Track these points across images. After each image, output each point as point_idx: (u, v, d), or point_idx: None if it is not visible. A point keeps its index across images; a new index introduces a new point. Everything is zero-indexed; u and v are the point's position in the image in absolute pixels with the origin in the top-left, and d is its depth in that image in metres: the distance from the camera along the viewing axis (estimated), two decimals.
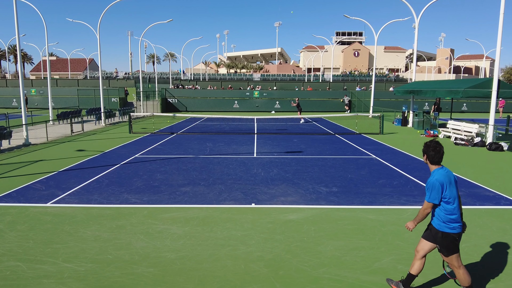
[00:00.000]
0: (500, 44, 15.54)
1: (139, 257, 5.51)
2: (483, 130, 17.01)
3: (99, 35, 25.11)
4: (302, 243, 6.02)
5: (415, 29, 26.32)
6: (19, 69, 17.95)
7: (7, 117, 22.59)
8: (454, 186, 4.17)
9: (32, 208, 7.69)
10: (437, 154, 4.17)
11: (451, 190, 4.12)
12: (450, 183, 4.13)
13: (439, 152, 4.17)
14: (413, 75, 28.05)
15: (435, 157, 4.19)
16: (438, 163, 4.22)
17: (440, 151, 4.18)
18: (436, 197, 4.10)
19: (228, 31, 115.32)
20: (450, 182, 4.14)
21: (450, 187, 4.12)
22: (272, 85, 53.99)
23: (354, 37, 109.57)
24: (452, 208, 4.13)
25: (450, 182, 4.14)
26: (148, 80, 60.88)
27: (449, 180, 4.14)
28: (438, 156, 4.18)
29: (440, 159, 4.21)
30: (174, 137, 18.71)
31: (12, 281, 4.82)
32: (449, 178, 4.16)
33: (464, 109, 39.96)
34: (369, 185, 9.56)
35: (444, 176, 4.13)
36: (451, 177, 4.20)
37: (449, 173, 4.22)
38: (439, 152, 4.17)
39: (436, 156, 4.18)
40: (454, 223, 4.15)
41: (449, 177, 4.16)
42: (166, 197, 8.48)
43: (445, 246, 4.22)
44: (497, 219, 7.12)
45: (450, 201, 4.12)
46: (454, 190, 4.15)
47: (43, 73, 77.23)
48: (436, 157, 4.18)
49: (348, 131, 21.57)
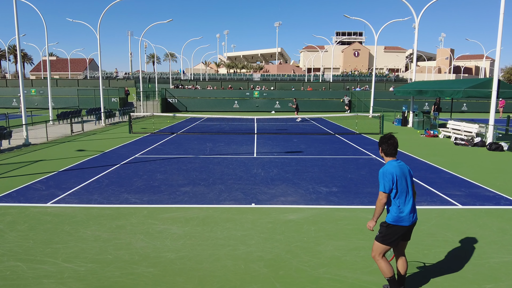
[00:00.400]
0: (500, 44, 15.54)
1: (139, 257, 5.51)
2: (483, 130, 17.01)
3: (99, 35, 25.11)
4: (302, 243, 6.02)
5: (415, 29, 26.32)
6: (19, 69, 17.96)
7: (7, 117, 22.59)
8: (405, 179, 4.21)
9: (32, 208, 7.69)
10: (390, 147, 4.26)
11: (401, 182, 4.18)
12: (402, 175, 4.19)
13: (392, 145, 4.26)
14: (413, 75, 28.05)
15: (388, 149, 4.28)
16: (392, 155, 4.30)
17: (392, 143, 4.26)
18: (388, 187, 4.15)
19: (228, 31, 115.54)
20: (402, 174, 4.19)
21: (401, 179, 4.18)
22: (272, 85, 53.98)
23: (354, 37, 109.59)
24: (402, 200, 4.19)
25: (403, 175, 4.20)
26: (148, 80, 60.91)
27: (402, 172, 4.20)
28: (391, 148, 4.27)
29: (393, 151, 4.29)
30: (174, 137, 18.71)
31: (12, 281, 4.82)
32: (402, 170, 4.22)
33: (464, 109, 39.96)
34: (369, 185, 9.55)
35: (395, 168, 4.19)
36: (404, 170, 4.25)
37: (403, 166, 4.27)
38: (391, 144, 4.25)
39: (389, 149, 4.27)
40: (404, 215, 4.19)
41: (401, 169, 4.22)
42: (166, 197, 8.48)
43: (386, 234, 4.26)
44: (497, 219, 7.12)
45: (401, 192, 4.18)
46: (404, 183, 4.19)
47: (43, 73, 77.24)
48: (389, 149, 4.27)
49: (348, 131, 21.57)
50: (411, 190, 4.26)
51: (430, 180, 10.10)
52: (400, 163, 4.28)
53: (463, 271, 5.11)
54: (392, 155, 4.30)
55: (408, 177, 4.26)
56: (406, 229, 4.24)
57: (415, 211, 4.29)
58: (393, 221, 4.22)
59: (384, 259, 4.32)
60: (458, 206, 7.93)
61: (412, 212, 4.24)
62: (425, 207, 7.80)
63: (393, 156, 4.31)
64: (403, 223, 4.19)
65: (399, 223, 4.20)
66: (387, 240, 4.26)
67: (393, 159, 4.30)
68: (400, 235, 4.25)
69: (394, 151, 4.29)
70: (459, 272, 5.07)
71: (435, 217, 7.19)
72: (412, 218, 4.23)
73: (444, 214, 7.41)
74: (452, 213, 7.48)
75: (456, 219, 7.11)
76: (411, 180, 4.29)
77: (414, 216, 4.26)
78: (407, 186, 4.22)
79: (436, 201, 8.22)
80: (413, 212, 4.24)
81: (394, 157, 4.32)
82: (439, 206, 7.88)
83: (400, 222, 4.19)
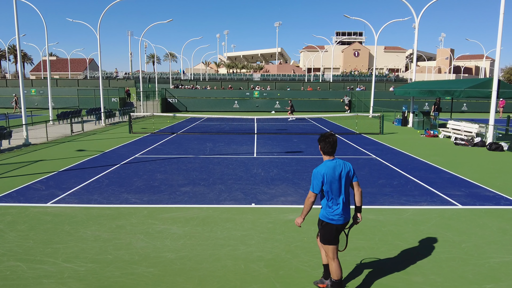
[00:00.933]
0: (500, 44, 15.54)
1: (139, 257, 5.51)
2: (483, 130, 17.01)
3: (99, 35, 25.11)
4: (302, 243, 6.02)
5: (415, 29, 26.32)
6: (19, 69, 17.95)
7: (7, 117, 22.59)
8: (339, 179, 4.20)
9: (32, 208, 7.69)
10: (327, 145, 4.23)
11: (333, 183, 4.18)
12: (334, 176, 4.18)
13: (329, 143, 4.22)
14: (413, 75, 28.05)
15: (325, 147, 4.25)
16: (329, 153, 4.27)
17: (330, 142, 4.22)
18: (317, 187, 4.18)
19: (228, 31, 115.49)
20: (335, 175, 4.19)
21: (334, 180, 4.18)
22: (272, 85, 53.98)
23: (354, 37, 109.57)
24: (333, 199, 4.23)
25: (336, 175, 4.19)
26: (148, 80, 60.88)
27: (335, 172, 4.19)
28: (328, 146, 4.23)
29: (330, 150, 4.25)
30: (174, 137, 18.71)
31: (12, 281, 4.82)
32: (335, 170, 4.20)
33: (464, 109, 39.97)
34: (369, 185, 9.55)
35: (328, 168, 4.19)
36: (340, 169, 4.23)
37: (338, 165, 4.24)
38: (328, 143, 4.22)
39: (326, 147, 4.24)
40: (334, 214, 4.24)
41: (335, 169, 4.20)
42: (166, 197, 8.48)
43: (323, 234, 4.33)
44: (497, 219, 7.12)
45: (331, 192, 4.21)
46: (336, 184, 4.19)
47: (43, 73, 77.22)
48: (326, 147, 4.24)
49: (348, 131, 21.57)
50: (344, 190, 4.26)
51: (430, 180, 10.09)
52: (336, 162, 4.25)
53: (463, 271, 5.11)
54: (329, 153, 4.27)
55: (344, 177, 4.24)
56: (340, 227, 4.31)
57: (347, 212, 4.32)
58: (325, 219, 4.31)
59: (337, 262, 4.37)
60: (458, 206, 7.93)
61: (344, 212, 4.28)
62: (425, 207, 7.80)
63: (330, 155, 4.28)
64: (333, 221, 4.26)
65: (330, 221, 4.27)
66: (327, 238, 4.33)
67: (330, 158, 4.27)
68: (337, 232, 4.32)
69: (331, 150, 4.24)
70: (459, 272, 5.07)
71: (435, 217, 7.19)
72: (343, 218, 4.28)
73: (444, 214, 7.42)
74: (452, 213, 7.48)
75: (456, 219, 7.11)
76: (346, 180, 4.26)
77: (347, 216, 4.31)
78: (340, 187, 4.22)
79: (436, 201, 8.22)
80: (345, 213, 4.29)
81: (331, 156, 4.28)
82: (439, 206, 7.88)
83: (331, 221, 4.27)
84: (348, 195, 4.32)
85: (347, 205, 4.30)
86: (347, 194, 4.30)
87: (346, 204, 4.29)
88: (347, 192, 4.30)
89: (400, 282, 4.83)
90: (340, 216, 4.24)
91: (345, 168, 4.26)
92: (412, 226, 6.76)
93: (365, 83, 60.05)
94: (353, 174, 4.33)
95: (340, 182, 4.22)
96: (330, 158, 4.27)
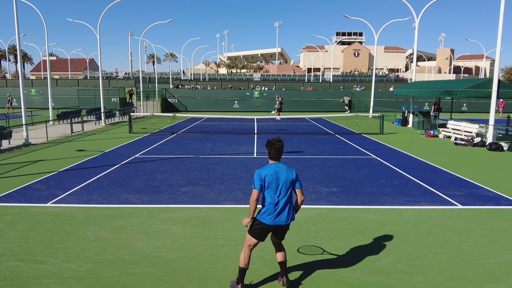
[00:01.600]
0: (500, 44, 15.54)
1: (139, 257, 5.51)
2: (483, 130, 17.01)
3: (99, 35, 25.11)
4: (302, 243, 6.02)
5: (415, 29, 26.32)
6: (19, 69, 17.95)
7: (7, 117, 22.60)
8: (277, 183, 4.32)
9: (32, 208, 7.69)
10: (272, 150, 4.40)
11: (272, 184, 4.31)
12: (274, 178, 4.31)
13: (275, 148, 4.38)
14: (413, 75, 28.05)
15: (270, 152, 4.42)
16: (274, 158, 4.44)
17: (275, 147, 4.38)
18: (257, 184, 4.32)
19: (228, 31, 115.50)
20: (275, 177, 4.32)
21: (273, 181, 4.31)
22: (272, 85, 53.97)
23: (354, 37, 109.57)
24: (269, 199, 4.34)
25: (276, 177, 4.32)
26: (148, 80, 60.89)
27: (275, 175, 4.32)
28: (273, 152, 4.40)
29: (275, 156, 4.42)
30: (174, 137, 18.71)
31: (12, 281, 4.82)
32: (276, 173, 4.33)
33: (464, 109, 39.96)
34: (369, 185, 9.56)
35: (269, 170, 4.34)
36: (281, 174, 4.35)
37: (280, 170, 4.37)
38: (274, 148, 4.39)
39: (272, 152, 4.41)
40: (266, 214, 4.36)
41: (276, 172, 4.34)
42: (166, 197, 8.48)
43: (252, 227, 4.47)
44: (497, 219, 7.12)
45: (268, 193, 4.33)
46: (275, 185, 4.32)
47: (43, 73, 77.23)
48: (272, 152, 4.41)
49: (348, 131, 21.57)
50: (285, 194, 4.35)
51: (430, 180, 10.10)
52: (278, 166, 4.39)
53: (463, 271, 5.11)
54: (274, 158, 4.44)
55: (284, 182, 4.34)
56: (269, 228, 4.40)
57: (283, 216, 4.36)
58: (258, 215, 4.44)
59: (246, 251, 4.50)
60: (458, 206, 7.93)
61: (279, 216, 4.34)
62: (425, 207, 7.80)
63: (275, 160, 4.44)
64: (264, 220, 4.37)
65: (261, 219, 4.39)
66: (253, 231, 4.46)
67: (274, 162, 4.44)
68: (264, 231, 4.42)
69: (276, 155, 4.42)
70: (459, 272, 5.07)
71: (435, 217, 7.19)
72: (273, 219, 4.33)
73: (444, 214, 7.42)
74: (452, 213, 7.49)
75: (456, 219, 7.11)
76: (287, 185, 4.36)
77: (280, 219, 4.35)
78: (279, 189, 4.32)
79: (436, 201, 8.22)
80: (280, 216, 4.34)
81: (276, 160, 4.45)
82: (439, 206, 7.88)
83: (262, 219, 4.39)
84: (287, 200, 4.38)
85: (283, 209, 4.36)
86: (287, 199, 4.38)
87: (282, 208, 4.35)
88: (286, 196, 4.38)
89: (400, 282, 4.83)
90: (272, 217, 4.34)
91: (288, 174, 4.38)
92: (412, 226, 6.76)
93: (365, 83, 60.05)
94: (295, 181, 4.43)
95: (280, 185, 4.33)
96: (274, 162, 4.44)
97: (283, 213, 4.36)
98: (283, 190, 4.34)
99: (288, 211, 4.39)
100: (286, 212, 4.38)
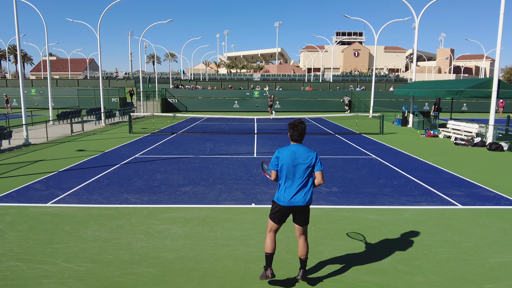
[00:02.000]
0: (500, 44, 15.54)
1: (139, 257, 5.51)
2: (483, 130, 17.01)
3: (99, 35, 25.11)
4: None
5: (415, 29, 26.32)
6: (19, 69, 17.96)
7: (7, 117, 22.60)
8: (294, 163, 4.37)
9: (32, 208, 7.69)
10: (295, 132, 4.44)
11: (288, 165, 4.37)
12: (291, 159, 4.37)
13: (297, 130, 4.43)
14: (413, 75, 28.05)
15: (293, 134, 4.47)
16: (296, 140, 4.48)
17: (298, 129, 4.42)
18: (273, 165, 4.46)
19: (228, 31, 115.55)
20: (292, 158, 4.37)
21: (289, 163, 4.37)
22: (272, 85, 53.98)
23: (354, 37, 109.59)
24: (283, 181, 4.43)
25: (293, 159, 4.37)
26: (148, 80, 60.89)
27: (292, 156, 4.38)
28: (296, 134, 4.45)
29: (298, 137, 4.46)
30: (174, 137, 18.71)
31: (12, 281, 4.82)
32: (294, 155, 4.39)
33: (464, 109, 39.97)
34: (369, 185, 9.55)
35: (287, 151, 4.42)
36: (299, 154, 4.40)
37: (298, 151, 4.42)
38: (297, 130, 4.43)
39: (294, 134, 4.46)
40: (280, 195, 4.47)
41: (295, 152, 4.40)
42: (166, 197, 8.48)
43: (271, 211, 4.59)
44: (497, 219, 7.12)
45: (282, 174, 4.42)
46: (291, 167, 4.37)
47: (43, 73, 77.23)
48: (294, 134, 4.46)
49: (348, 131, 21.57)
50: (301, 175, 4.39)
51: (430, 180, 10.09)
52: (298, 147, 4.43)
53: (463, 271, 5.11)
54: (296, 141, 4.48)
55: (301, 163, 4.38)
56: (286, 209, 4.46)
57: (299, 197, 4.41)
58: (275, 198, 4.55)
59: (270, 236, 4.61)
60: (458, 206, 7.93)
61: (294, 196, 4.40)
62: (425, 207, 7.80)
63: (297, 142, 4.49)
64: (279, 202, 4.46)
65: (277, 201, 4.50)
66: (272, 215, 4.58)
67: (294, 143, 4.49)
68: (281, 213, 4.50)
69: (299, 137, 4.46)
70: (459, 272, 5.07)
71: (435, 217, 7.19)
72: (288, 200, 4.40)
73: (444, 214, 7.42)
74: (452, 213, 7.49)
75: (456, 219, 7.11)
76: (306, 166, 4.39)
77: (295, 200, 4.41)
78: (295, 170, 4.38)
79: (436, 201, 8.22)
80: (295, 197, 4.40)
81: (298, 143, 4.49)
82: (439, 206, 7.88)
83: (278, 201, 4.49)
84: (303, 181, 4.42)
85: (299, 190, 4.41)
86: (303, 179, 4.41)
87: (298, 189, 4.40)
88: (302, 178, 4.41)
89: (400, 282, 4.83)
90: (288, 198, 4.40)
91: (307, 155, 4.41)
92: (412, 226, 6.76)
93: (365, 83, 60.05)
94: (315, 163, 4.43)
95: (296, 167, 4.37)
96: (294, 144, 4.49)
97: (299, 194, 4.40)
98: (298, 171, 4.37)
99: (305, 192, 4.41)
100: (303, 193, 4.41)
